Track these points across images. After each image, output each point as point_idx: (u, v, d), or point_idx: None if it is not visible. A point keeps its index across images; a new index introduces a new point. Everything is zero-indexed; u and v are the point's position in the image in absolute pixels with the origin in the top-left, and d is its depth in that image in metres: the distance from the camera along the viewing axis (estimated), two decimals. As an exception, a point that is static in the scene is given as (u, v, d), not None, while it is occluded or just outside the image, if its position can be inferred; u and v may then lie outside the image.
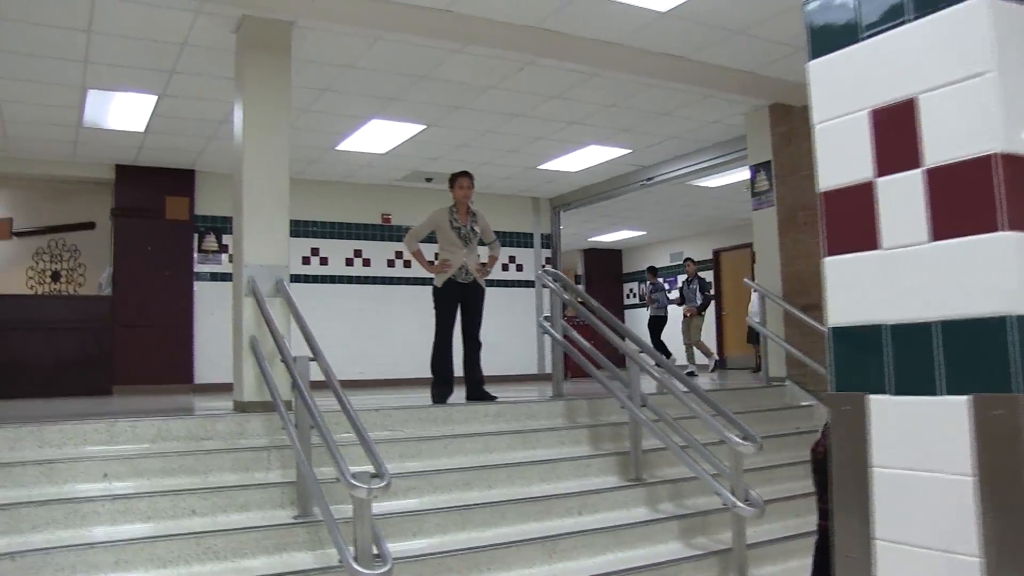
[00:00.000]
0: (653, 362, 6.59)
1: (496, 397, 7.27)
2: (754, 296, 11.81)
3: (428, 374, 7.54)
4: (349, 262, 12.59)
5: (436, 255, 7.51)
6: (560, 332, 7.59)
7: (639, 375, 6.46)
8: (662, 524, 5.77)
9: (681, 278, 18.91)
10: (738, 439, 5.41)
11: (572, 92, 8.38)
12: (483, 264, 7.56)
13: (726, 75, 7.47)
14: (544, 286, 13.82)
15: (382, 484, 4.01)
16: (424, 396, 7.64)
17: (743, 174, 12.18)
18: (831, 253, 1.85)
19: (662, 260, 19.75)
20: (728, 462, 5.65)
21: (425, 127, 9.52)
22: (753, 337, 12.72)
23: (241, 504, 4.93)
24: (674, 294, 14.93)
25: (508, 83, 8.04)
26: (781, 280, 8.88)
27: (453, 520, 5.27)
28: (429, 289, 7.51)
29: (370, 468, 4.24)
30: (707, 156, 10.81)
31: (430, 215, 7.48)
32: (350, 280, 12.57)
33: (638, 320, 17.71)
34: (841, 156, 1.81)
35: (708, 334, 17.46)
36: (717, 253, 18.38)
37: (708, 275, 18.04)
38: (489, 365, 8.66)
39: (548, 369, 13.73)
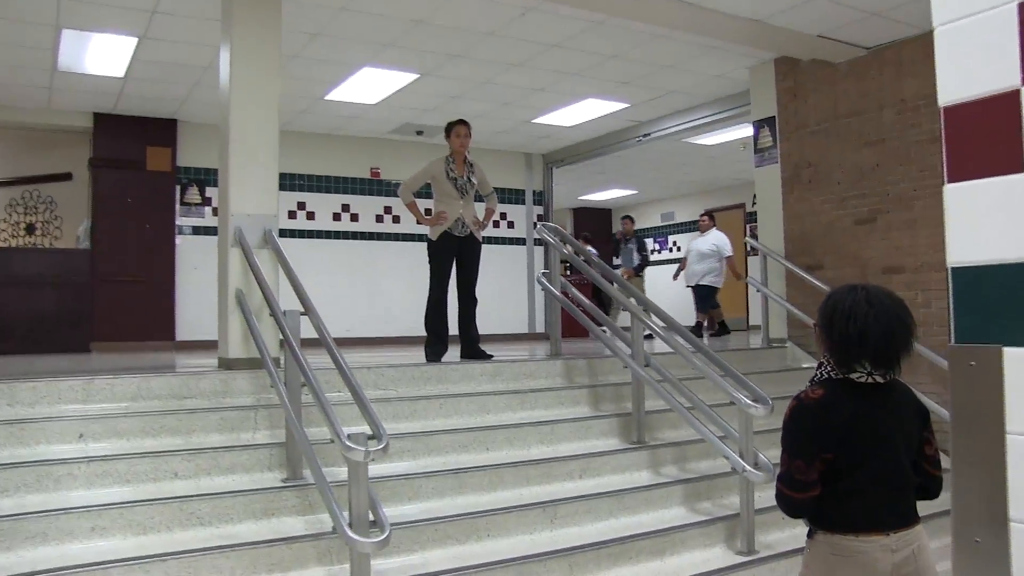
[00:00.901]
0: (659, 321, 6.31)
1: (492, 355, 7.02)
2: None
3: (418, 333, 7.29)
4: (337, 217, 12.25)
5: (427, 211, 7.18)
6: (559, 288, 7.32)
7: (643, 333, 6.21)
8: (666, 488, 5.56)
9: (674, 239, 18.91)
10: (748, 400, 5.17)
11: (574, 41, 8.03)
12: (480, 218, 7.27)
13: (735, 25, 7.12)
14: (541, 241, 13.88)
15: (380, 446, 3.76)
16: (417, 354, 7.39)
17: (741, 132, 11.95)
18: (954, 179, 1.55)
19: (652, 220, 19.51)
20: (735, 424, 5.43)
21: (419, 76, 9.15)
22: (702, 303, 12.19)
23: (226, 466, 4.66)
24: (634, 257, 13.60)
25: (509, 29, 7.68)
26: (784, 239, 8.61)
27: (450, 484, 5.04)
28: (419, 246, 7.23)
29: (366, 429, 3.98)
30: (707, 112, 10.49)
31: (426, 165, 7.18)
32: (338, 235, 12.23)
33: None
34: (974, 62, 1.50)
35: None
36: (709, 213, 18.05)
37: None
38: (480, 323, 8.43)
39: (540, 328, 13.58)
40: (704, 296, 11.97)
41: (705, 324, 12.50)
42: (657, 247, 19.33)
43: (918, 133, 7.34)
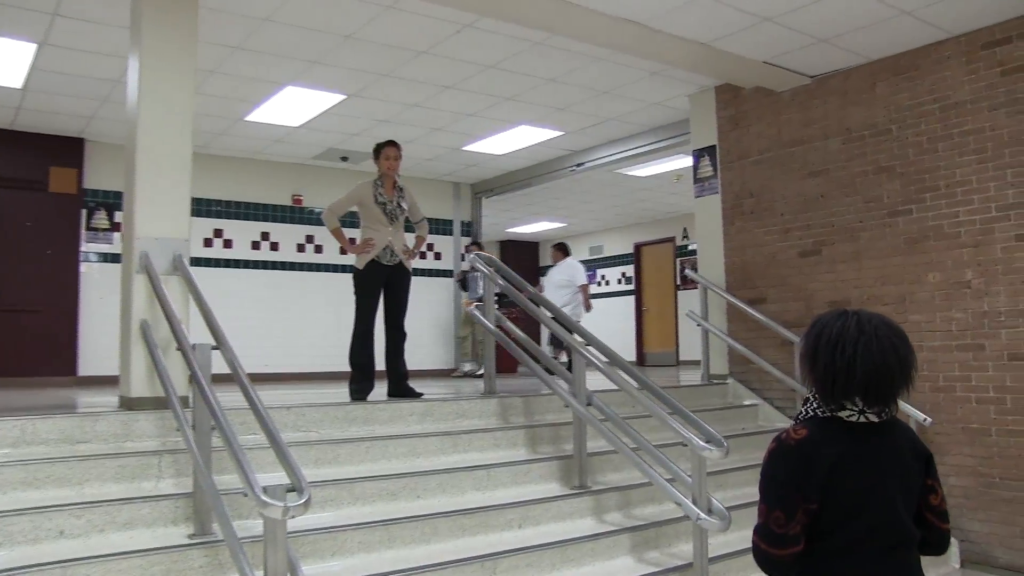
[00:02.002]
0: (602, 356, 5.93)
1: (422, 393, 6.56)
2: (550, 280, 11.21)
3: (341, 369, 6.78)
4: (255, 245, 11.64)
5: (352, 240, 6.71)
6: (493, 321, 6.91)
7: (584, 370, 5.82)
8: (612, 537, 5.18)
9: (603, 272, 18.69)
10: (701, 442, 4.81)
11: (512, 62, 7.67)
12: (411, 246, 6.83)
13: (681, 48, 6.83)
14: (475, 270, 13.51)
15: (300, 501, 3.26)
16: (340, 392, 6.87)
17: (675, 163, 11.81)
18: None
19: (581, 253, 19.26)
20: (685, 467, 5.08)
21: (345, 98, 8.68)
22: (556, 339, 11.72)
23: (124, 522, 4.09)
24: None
25: (443, 48, 7.28)
26: (725, 272, 8.34)
27: (378, 536, 4.56)
28: (344, 276, 6.74)
29: (284, 478, 3.48)
30: (644, 141, 10.24)
31: (352, 188, 6.71)
32: (256, 265, 11.61)
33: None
34: None
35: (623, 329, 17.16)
36: (638, 247, 17.99)
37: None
38: (407, 359, 8.01)
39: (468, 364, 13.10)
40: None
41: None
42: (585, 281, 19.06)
43: (863, 163, 7.15)
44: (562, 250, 11.52)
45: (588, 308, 10.99)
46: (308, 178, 11.94)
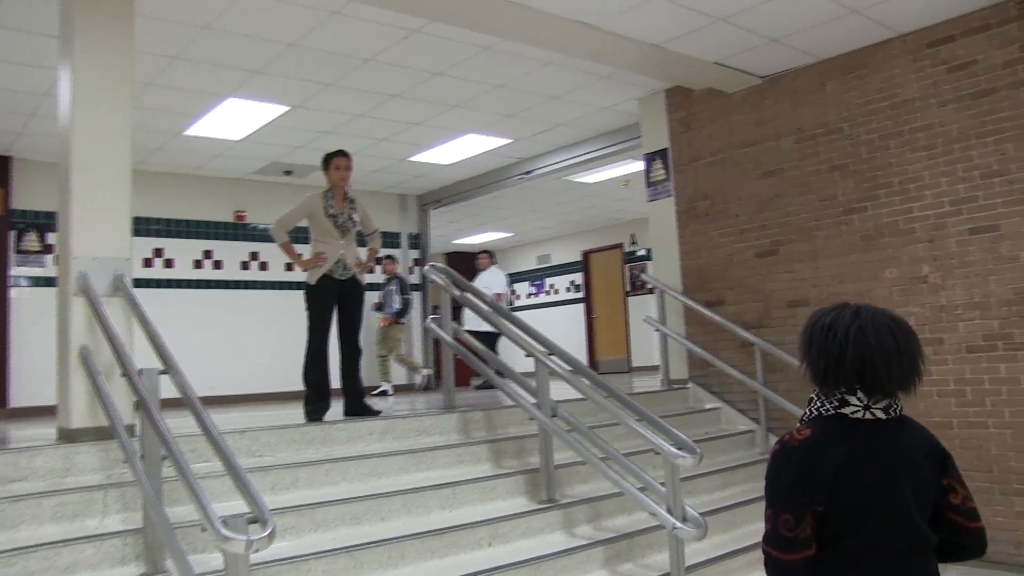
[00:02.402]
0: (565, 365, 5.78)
1: (380, 411, 6.35)
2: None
3: (294, 388, 6.54)
4: (198, 264, 11.27)
5: (302, 255, 6.50)
6: (451, 334, 6.73)
7: (548, 381, 5.67)
8: (585, 551, 5.03)
9: (551, 281, 18.60)
10: (674, 449, 4.69)
11: (460, 69, 7.50)
12: (363, 259, 6.64)
13: (633, 50, 6.72)
14: (420, 286, 13.36)
15: (264, 533, 3.07)
16: (294, 413, 6.64)
17: (623, 169, 11.74)
18: None
19: (528, 263, 19.19)
20: (653, 473, 5.00)
21: (289, 109, 8.44)
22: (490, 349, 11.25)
23: (64, 566, 3.81)
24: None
25: (390, 55, 7.08)
26: (681, 275, 8.26)
27: (342, 564, 4.35)
28: (290, 294, 6.50)
29: (241, 506, 3.27)
30: (594, 147, 10.13)
31: (302, 201, 6.48)
32: (199, 284, 11.24)
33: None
34: None
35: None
36: (586, 254, 17.92)
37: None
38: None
39: (417, 378, 12.87)
40: (489, 343, 10.81)
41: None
42: (534, 290, 19.00)
43: (817, 162, 7.13)
44: (490, 256, 11.46)
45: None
46: (250, 193, 11.62)
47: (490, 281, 11.04)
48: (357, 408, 6.36)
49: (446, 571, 4.50)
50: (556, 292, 18.56)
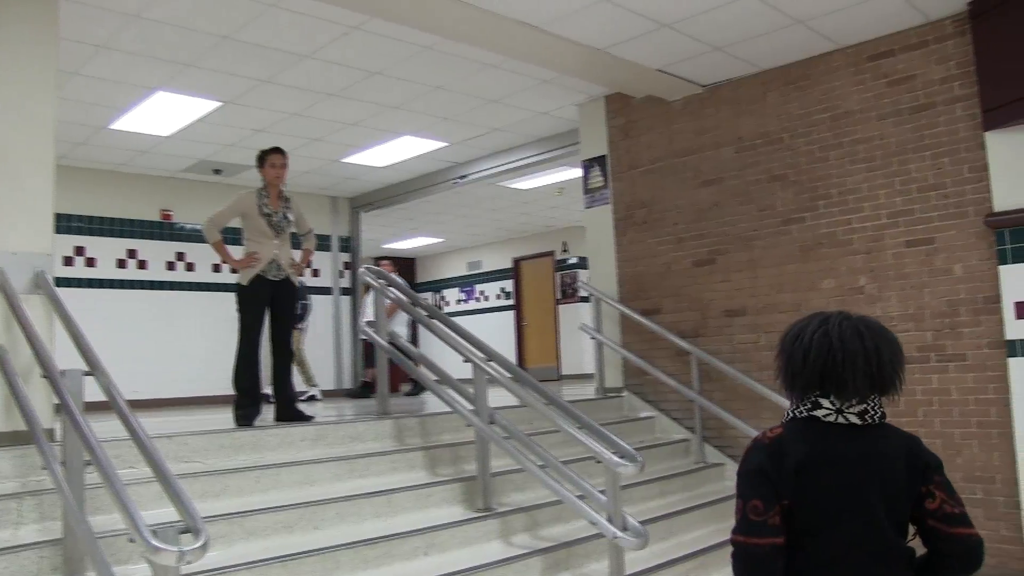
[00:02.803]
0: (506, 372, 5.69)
1: (312, 417, 6.17)
2: (368, 299, 10.05)
3: (221, 392, 6.32)
4: (122, 264, 10.89)
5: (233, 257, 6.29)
6: (386, 338, 6.58)
7: (486, 387, 5.57)
8: (523, 561, 4.95)
9: (481, 288, 18.49)
10: (615, 457, 4.63)
11: (399, 68, 7.35)
12: (298, 260, 6.46)
13: (577, 54, 6.66)
14: (350, 290, 13.12)
15: (198, 543, 2.89)
16: (222, 418, 6.41)
17: (558, 176, 11.73)
18: None
19: (458, 269, 19.09)
20: (591, 482, 4.92)
21: (220, 105, 8.17)
22: (369, 359, 10.85)
23: (-22, 579, 3.59)
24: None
25: (329, 51, 6.89)
26: (618, 283, 8.23)
27: (275, 575, 4.15)
28: (217, 296, 6.28)
29: (170, 514, 3.10)
30: (530, 152, 10.06)
31: (235, 199, 6.30)
32: (123, 284, 10.86)
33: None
34: None
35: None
36: (517, 262, 17.88)
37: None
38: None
39: (347, 383, 12.66)
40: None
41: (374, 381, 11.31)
42: (464, 297, 18.89)
43: (757, 172, 7.16)
44: (392, 264, 11.26)
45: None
46: (178, 192, 11.27)
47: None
48: (289, 413, 6.17)
49: (384, 582, 4.37)
50: (486, 299, 18.50)
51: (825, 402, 2.07)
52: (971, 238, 5.97)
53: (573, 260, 16.59)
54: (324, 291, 12.91)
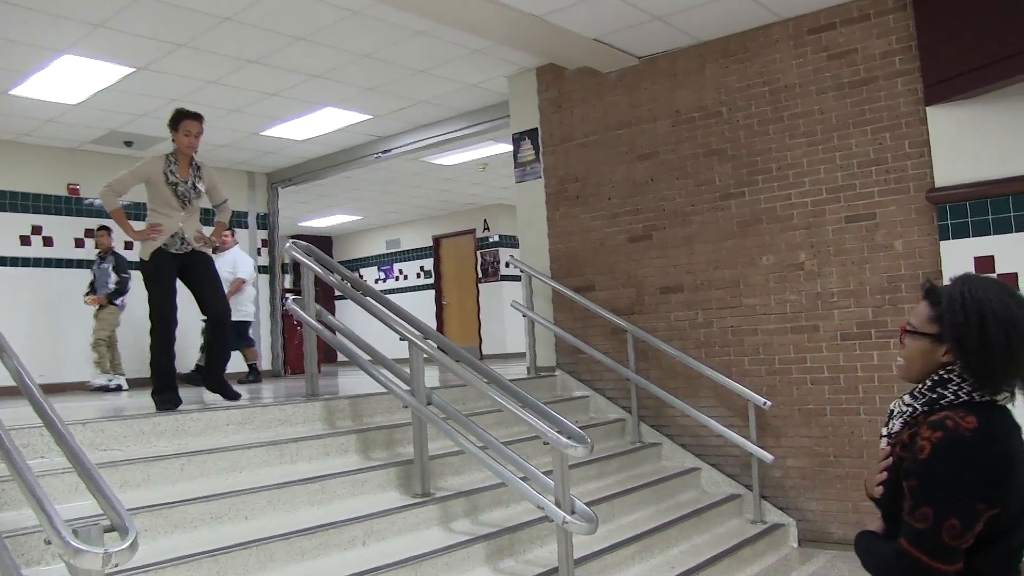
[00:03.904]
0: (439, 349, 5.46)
1: (239, 395, 5.84)
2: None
3: (137, 375, 5.95)
4: (25, 241, 10.25)
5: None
6: (314, 316, 6.28)
7: (423, 367, 5.34)
8: (466, 549, 4.74)
9: (400, 267, 18.16)
10: (564, 439, 4.44)
11: (325, 34, 6.99)
12: (208, 235, 6.10)
13: (512, 20, 6.38)
14: (267, 269, 12.67)
15: (125, 544, 2.60)
16: (140, 402, 6.04)
17: (483, 151, 11.52)
18: None
19: (377, 248, 18.74)
20: (534, 463, 4.74)
21: (133, 71, 7.67)
22: (237, 339, 9.73)
23: None
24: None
25: (251, 13, 6.49)
26: (550, 259, 8.05)
27: (205, 571, 3.90)
28: (131, 275, 5.84)
29: (88, 511, 2.81)
30: (457, 126, 9.77)
31: (140, 164, 5.82)
32: (26, 262, 10.24)
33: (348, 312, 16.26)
34: None
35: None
36: (437, 240, 17.62)
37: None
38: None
39: (269, 364, 12.26)
40: (239, 332, 9.90)
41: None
42: (382, 276, 18.55)
43: (694, 146, 7.04)
44: (233, 235, 10.48)
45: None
46: (86, 165, 10.65)
47: (234, 263, 10.20)
48: (219, 386, 5.93)
49: (319, 574, 4.12)
50: (405, 278, 18.21)
51: (1006, 387, 1.87)
52: (912, 214, 5.95)
53: (495, 238, 16.40)
54: (242, 270, 12.43)
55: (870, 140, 6.13)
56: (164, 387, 5.64)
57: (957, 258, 5.68)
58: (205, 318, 6.06)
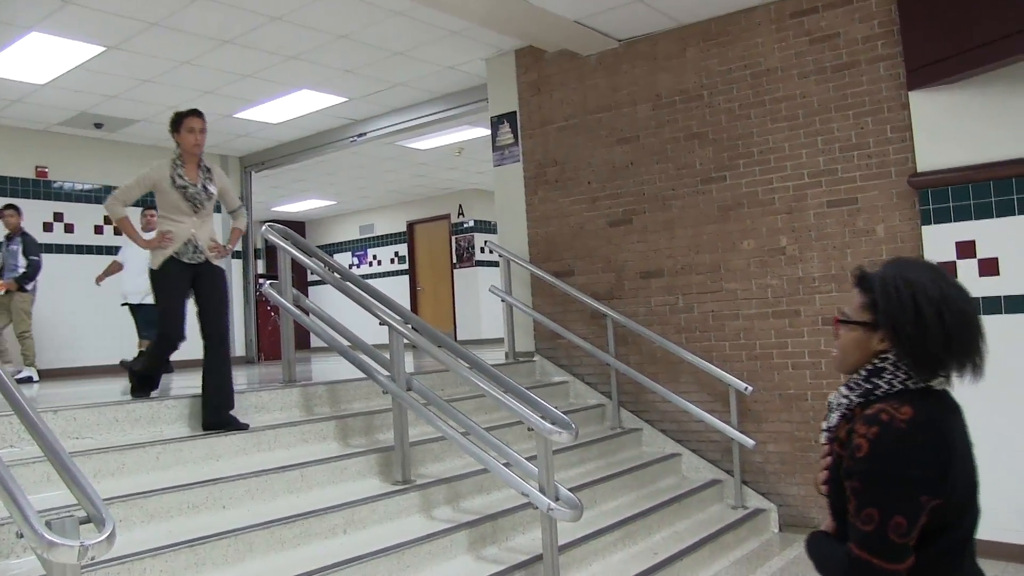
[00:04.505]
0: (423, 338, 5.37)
1: (247, 425, 5.17)
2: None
3: (105, 362, 5.75)
4: (-10, 224, 10.06)
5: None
6: (292, 301, 6.18)
7: (403, 352, 5.27)
8: (449, 536, 4.69)
9: (374, 252, 18.01)
10: (548, 425, 4.39)
11: (302, 13, 6.85)
12: (222, 242, 5.56)
13: (493, 0, 6.34)
14: (240, 254, 12.49)
15: (103, 536, 2.52)
16: (111, 389, 5.91)
17: (459, 135, 11.42)
18: None
19: (351, 233, 18.60)
20: (516, 449, 4.76)
21: (104, 50, 7.48)
22: (146, 328, 8.85)
23: None
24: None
25: (226, -9, 6.37)
26: (528, 244, 7.98)
27: (183, 561, 3.82)
28: (98, 259, 5.65)
29: (61, 501, 2.72)
30: (434, 109, 9.65)
31: (145, 171, 5.32)
32: (-8, 247, 10.04)
33: (322, 298, 16.06)
34: None
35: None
36: (411, 225, 17.50)
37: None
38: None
39: (242, 351, 12.12)
40: (149, 319, 8.54)
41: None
42: (356, 261, 18.41)
43: (674, 130, 6.99)
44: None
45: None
46: (55, 147, 10.41)
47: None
48: (221, 420, 5.08)
49: (300, 564, 4.03)
50: (379, 263, 18.08)
51: (942, 371, 1.81)
52: (894, 198, 5.93)
53: (470, 224, 16.31)
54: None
55: (852, 124, 6.11)
56: (141, 386, 5.35)
57: (938, 243, 5.67)
58: (203, 338, 5.30)
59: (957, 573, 1.78)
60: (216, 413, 5.08)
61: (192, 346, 5.32)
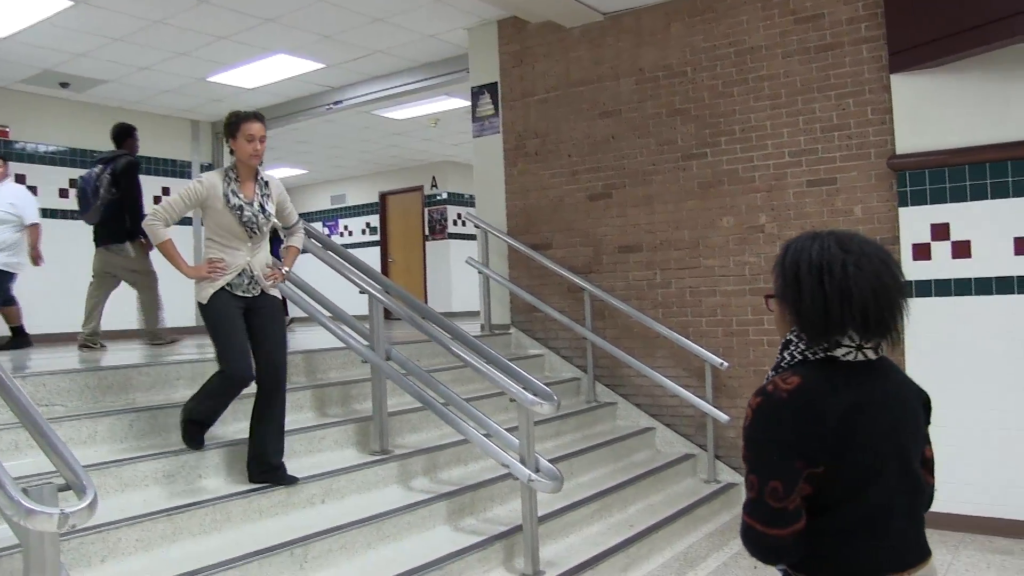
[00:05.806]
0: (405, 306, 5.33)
1: (297, 479, 4.44)
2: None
3: (65, 329, 5.58)
4: (-48, 187, 9.80)
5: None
6: (269, 270, 6.08)
7: (383, 321, 5.23)
8: (427, 507, 4.69)
9: (345, 223, 17.86)
10: (530, 396, 4.37)
11: (281, -27, 6.73)
12: (276, 266, 4.65)
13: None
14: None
15: (84, 503, 2.46)
16: (84, 356, 5.79)
17: (436, 106, 11.29)
18: None
19: (322, 203, 18.40)
20: (496, 419, 4.81)
21: (72, 4, 7.24)
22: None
23: None
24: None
25: (201, -52, 6.22)
26: (507, 216, 7.93)
27: (160, 530, 3.78)
28: (65, 224, 5.39)
29: (46, 470, 2.67)
30: (413, 78, 9.54)
31: (193, 184, 4.41)
32: (-47, 207, 9.78)
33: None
34: None
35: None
36: (383, 196, 17.34)
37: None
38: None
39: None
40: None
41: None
42: (327, 231, 18.24)
43: (657, 105, 6.95)
44: (3, 163, 7.80)
45: (37, 260, 7.80)
46: (17, 106, 10.10)
47: (20, 202, 7.72)
48: (268, 474, 4.37)
49: (277, 534, 4.00)
50: (350, 234, 17.92)
51: (844, 339, 1.78)
52: (872, 179, 5.95)
53: (443, 195, 16.20)
54: (185, 221, 12.03)
55: (833, 105, 6.10)
56: (193, 433, 4.42)
57: (914, 224, 5.72)
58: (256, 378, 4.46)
59: (876, 543, 1.76)
60: (262, 466, 4.38)
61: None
